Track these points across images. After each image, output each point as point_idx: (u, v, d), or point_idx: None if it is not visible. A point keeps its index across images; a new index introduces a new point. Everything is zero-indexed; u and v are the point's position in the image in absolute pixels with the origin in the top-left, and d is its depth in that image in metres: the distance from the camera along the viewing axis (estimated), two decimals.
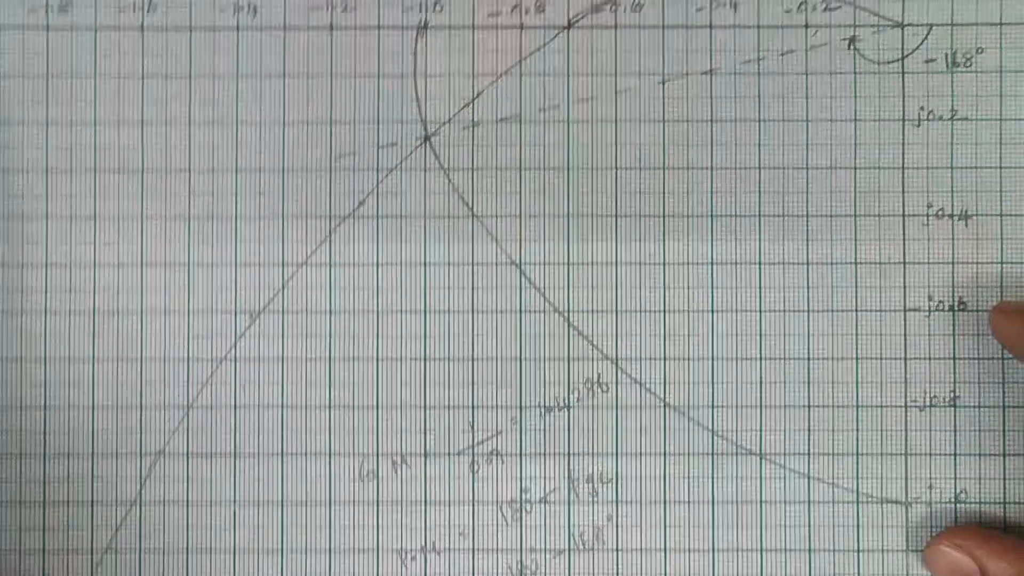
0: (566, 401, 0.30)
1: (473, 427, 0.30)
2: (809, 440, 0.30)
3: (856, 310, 0.30)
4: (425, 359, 0.30)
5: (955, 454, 0.30)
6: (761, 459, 0.30)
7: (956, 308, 0.30)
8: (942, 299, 0.30)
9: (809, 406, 0.30)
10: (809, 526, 0.30)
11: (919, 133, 0.30)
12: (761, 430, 0.30)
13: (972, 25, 0.30)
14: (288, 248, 0.30)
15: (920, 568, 0.29)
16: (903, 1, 0.30)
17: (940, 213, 0.30)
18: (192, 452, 0.30)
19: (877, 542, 0.30)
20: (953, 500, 0.30)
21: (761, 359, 0.30)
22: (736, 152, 0.30)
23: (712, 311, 0.30)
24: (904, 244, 0.30)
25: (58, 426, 0.30)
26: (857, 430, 0.30)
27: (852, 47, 0.30)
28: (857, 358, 0.30)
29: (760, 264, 0.30)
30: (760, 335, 0.30)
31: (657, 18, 0.30)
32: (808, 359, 0.30)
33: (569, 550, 0.30)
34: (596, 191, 0.30)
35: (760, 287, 0.30)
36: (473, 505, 0.30)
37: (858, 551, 0.30)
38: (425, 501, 0.30)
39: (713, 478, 0.30)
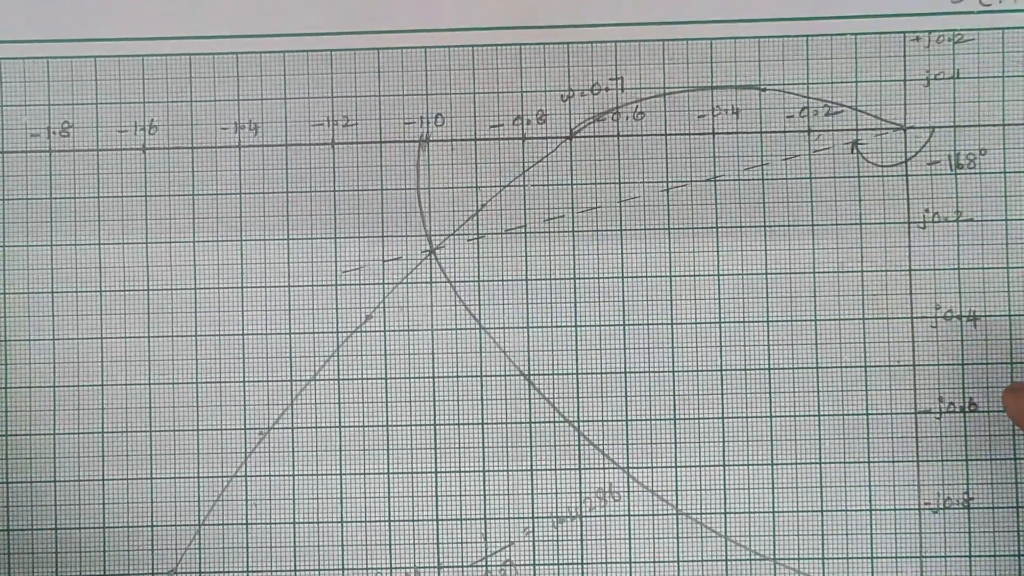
0: (578, 511, 0.30)
1: (486, 538, 0.30)
2: (823, 544, 0.30)
3: (867, 413, 0.30)
4: (436, 471, 0.30)
5: (970, 555, 0.29)
6: (775, 564, 0.30)
7: (967, 409, 0.30)
8: (953, 400, 0.30)
9: (822, 510, 0.30)
10: None
11: (925, 235, 0.30)
12: (774, 535, 0.30)
13: (974, 127, 0.30)
14: (296, 364, 0.30)
15: None
16: (905, 104, 0.30)
17: (948, 314, 0.30)
18: (204, 571, 0.30)
19: None
20: None
21: (773, 464, 0.30)
22: (742, 258, 0.30)
23: (723, 418, 0.30)
24: (913, 346, 0.30)
25: (69, 547, 0.30)
26: (871, 533, 0.30)
27: (855, 150, 0.30)
28: (869, 461, 0.30)
29: (769, 370, 0.30)
30: (771, 440, 0.30)
31: (659, 126, 0.30)
32: (820, 463, 0.30)
33: None
34: (603, 300, 0.30)
35: (770, 392, 0.30)
36: None
37: None
38: None
39: None
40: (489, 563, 0.30)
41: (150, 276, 0.30)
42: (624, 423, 0.30)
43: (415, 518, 0.30)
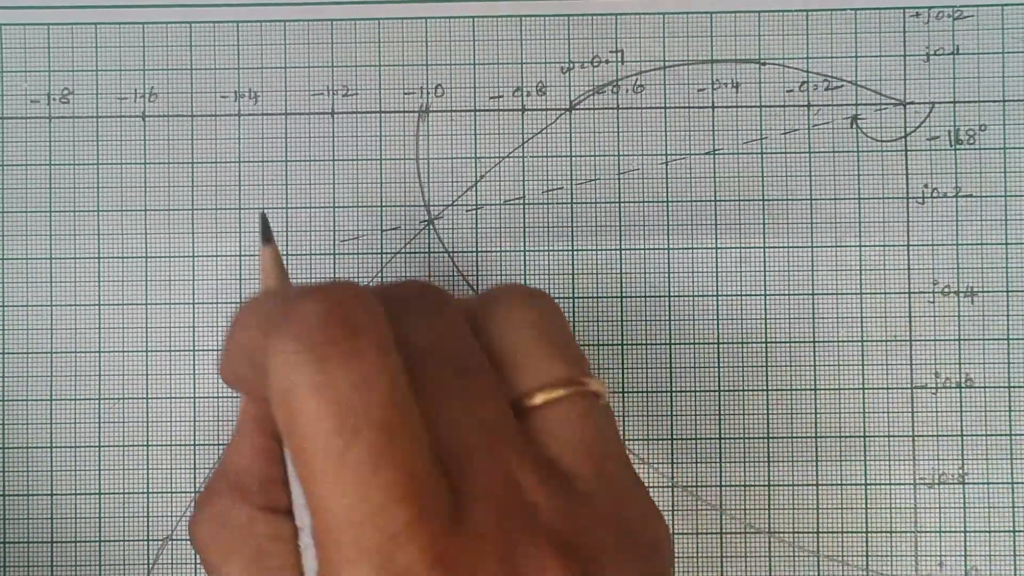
0: None
1: None
2: (817, 518, 0.30)
3: (863, 388, 0.30)
4: None
5: (965, 531, 0.30)
6: (770, 537, 0.30)
7: (963, 385, 0.30)
8: (949, 376, 0.30)
9: (817, 484, 0.30)
10: None
11: (923, 211, 0.30)
12: (769, 508, 0.30)
13: (974, 102, 0.30)
14: None
15: None
16: (905, 79, 0.30)
17: (946, 290, 0.30)
18: None
19: None
20: None
21: (768, 437, 0.30)
22: (740, 232, 0.30)
23: (719, 391, 0.30)
24: (910, 322, 0.30)
25: (65, 512, 0.30)
26: (866, 508, 0.30)
27: (854, 126, 0.30)
28: (865, 436, 0.30)
29: (766, 343, 0.30)
30: (767, 414, 0.30)
31: (659, 99, 0.30)
32: (816, 437, 0.30)
33: None
34: (600, 272, 0.30)
35: (767, 366, 0.30)
36: None
37: None
38: None
39: (722, 557, 0.30)
40: None
41: (148, 243, 0.30)
42: (620, 395, 0.30)
43: None
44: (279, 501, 0.23)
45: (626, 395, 0.30)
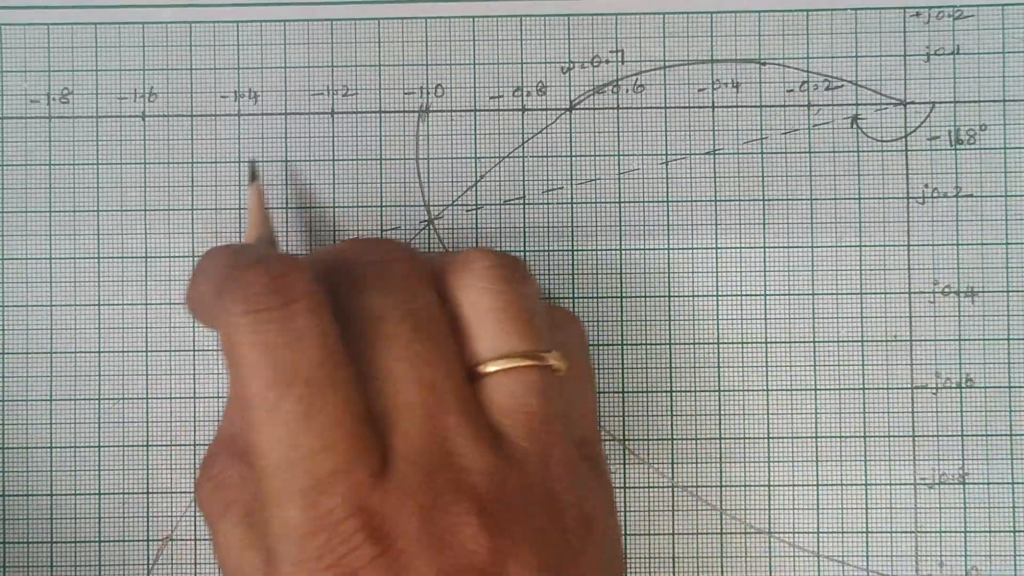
0: None
1: None
2: (818, 518, 0.30)
3: (863, 388, 0.30)
4: None
5: (965, 531, 0.29)
6: (770, 537, 0.30)
7: (963, 385, 0.30)
8: (949, 376, 0.30)
9: (817, 484, 0.30)
10: None
11: (924, 211, 0.30)
12: (769, 508, 0.30)
13: (975, 102, 0.30)
14: None
15: None
16: (905, 79, 0.30)
17: (946, 290, 0.30)
18: (199, 537, 0.30)
19: None
20: None
21: (768, 438, 0.30)
22: (740, 232, 0.30)
23: (719, 391, 0.30)
24: (910, 321, 0.30)
25: (64, 513, 0.30)
26: (866, 508, 0.30)
27: (855, 125, 0.30)
28: (865, 436, 0.30)
29: (766, 343, 0.30)
30: (767, 414, 0.30)
31: (659, 99, 0.30)
32: (816, 437, 0.30)
33: None
34: (600, 272, 0.30)
35: (767, 366, 0.30)
36: None
37: None
38: None
39: (722, 556, 0.30)
40: None
41: (148, 243, 0.30)
42: (620, 395, 0.30)
43: None
44: None
45: (626, 395, 0.30)
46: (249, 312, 0.21)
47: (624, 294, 0.30)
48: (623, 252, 0.30)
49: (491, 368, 0.23)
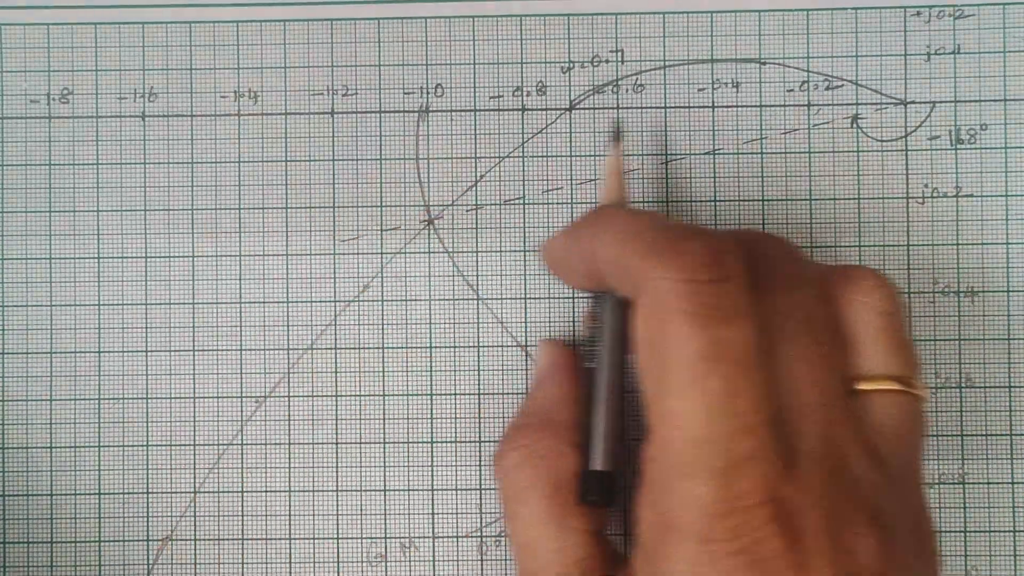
0: None
1: (481, 509, 0.30)
2: None
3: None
4: (432, 442, 0.30)
5: (965, 531, 0.29)
6: None
7: (963, 385, 0.30)
8: (949, 376, 0.30)
9: None
10: None
11: (924, 211, 0.30)
12: None
13: (975, 102, 0.30)
14: (293, 333, 0.30)
15: None
16: (906, 79, 0.30)
17: (946, 290, 0.30)
18: (199, 537, 0.30)
19: None
20: None
21: None
22: None
23: None
24: (910, 321, 0.30)
25: (64, 513, 0.30)
26: None
27: (855, 125, 0.30)
28: None
29: None
30: None
31: (659, 99, 0.30)
32: None
33: None
34: None
35: None
36: None
37: None
38: None
39: None
40: (484, 533, 0.30)
41: (148, 244, 0.30)
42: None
43: (410, 488, 0.30)
44: (578, 440, 0.26)
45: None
46: (688, 281, 0.21)
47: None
48: None
49: (871, 386, 0.23)
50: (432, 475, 0.30)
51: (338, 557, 0.30)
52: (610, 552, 0.25)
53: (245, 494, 0.30)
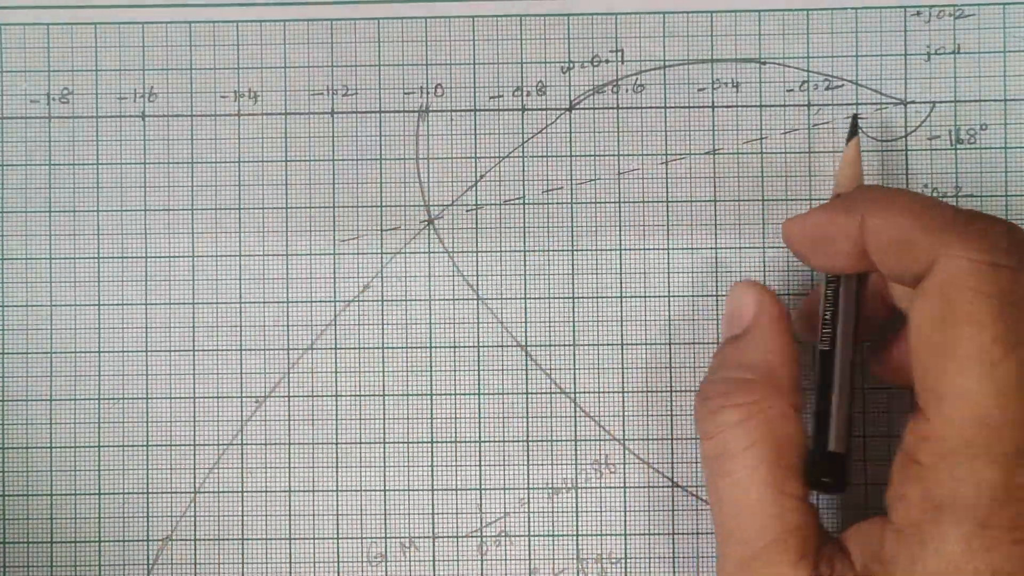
0: (574, 482, 0.30)
1: (481, 509, 0.30)
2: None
3: (863, 387, 0.30)
4: (432, 442, 0.30)
5: None
6: None
7: None
8: None
9: None
10: None
11: None
12: None
13: (975, 102, 0.30)
14: (293, 333, 0.30)
15: None
16: (906, 79, 0.30)
17: None
18: (199, 538, 0.30)
19: None
20: None
21: None
22: (740, 232, 0.30)
23: None
24: None
25: (64, 513, 0.30)
26: (866, 506, 0.30)
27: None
28: (864, 435, 0.30)
29: None
30: None
31: (659, 99, 0.30)
32: None
33: None
34: (600, 272, 0.30)
35: None
36: None
37: None
38: None
39: None
40: (484, 533, 0.30)
41: (148, 244, 0.30)
42: (620, 395, 0.30)
43: (410, 488, 0.30)
44: (799, 404, 0.25)
45: (626, 395, 0.30)
46: (992, 264, 0.21)
47: (624, 294, 0.30)
48: (623, 252, 0.30)
49: None
50: (432, 475, 0.30)
51: (338, 557, 0.30)
52: (821, 525, 0.25)
53: (245, 494, 0.30)
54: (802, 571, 0.23)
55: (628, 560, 0.30)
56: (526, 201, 0.30)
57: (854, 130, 0.28)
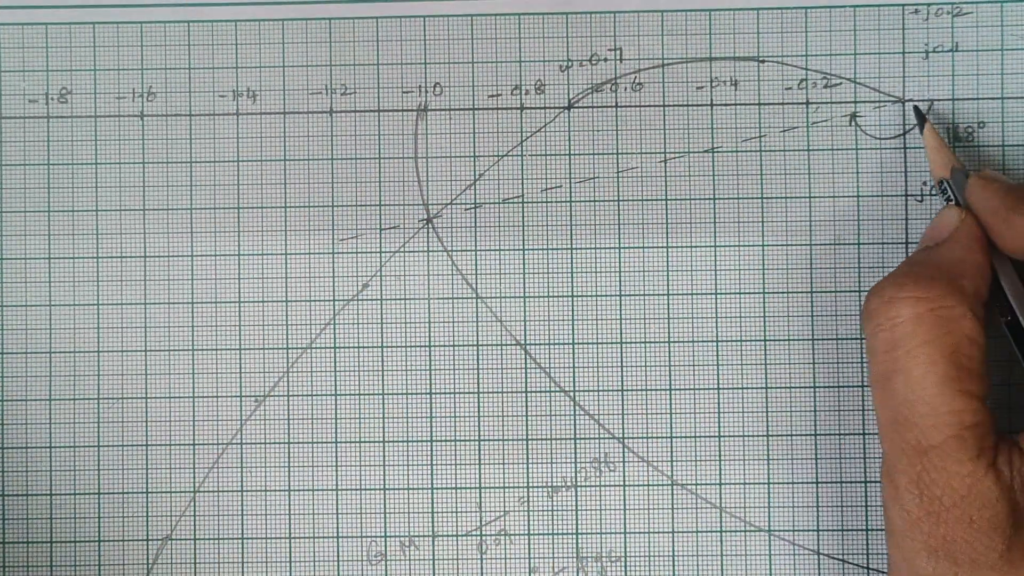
0: (573, 481, 0.30)
1: (481, 507, 0.30)
2: (818, 516, 0.30)
3: (862, 385, 0.30)
4: (431, 440, 0.30)
5: None
6: (770, 535, 0.30)
7: None
8: None
9: (816, 482, 0.30)
10: None
11: (922, 208, 0.30)
12: (769, 506, 0.30)
13: (973, 100, 0.30)
14: (292, 332, 0.30)
15: None
16: (904, 76, 0.30)
17: None
18: (199, 537, 0.30)
19: None
20: None
21: (768, 435, 0.30)
22: (739, 230, 0.30)
23: (719, 389, 0.30)
24: None
25: (64, 512, 0.30)
26: (866, 505, 0.30)
27: (853, 123, 0.30)
28: (864, 433, 0.30)
29: (765, 341, 0.30)
30: (766, 412, 0.30)
31: (657, 97, 0.30)
32: (815, 435, 0.30)
33: None
34: (599, 271, 0.30)
35: (766, 364, 0.30)
36: None
37: None
38: None
39: (722, 555, 0.30)
40: (484, 532, 0.30)
41: (147, 243, 0.30)
42: (620, 393, 0.30)
43: (410, 487, 0.30)
44: (982, 313, 0.25)
45: (625, 394, 0.30)
46: None
47: (623, 293, 0.30)
48: (622, 251, 0.30)
49: None
50: (432, 474, 0.30)
51: (338, 556, 0.30)
52: (996, 424, 0.25)
53: (245, 493, 0.30)
54: (980, 466, 0.24)
55: (628, 558, 0.30)
56: (525, 200, 0.30)
57: (921, 119, 0.29)
